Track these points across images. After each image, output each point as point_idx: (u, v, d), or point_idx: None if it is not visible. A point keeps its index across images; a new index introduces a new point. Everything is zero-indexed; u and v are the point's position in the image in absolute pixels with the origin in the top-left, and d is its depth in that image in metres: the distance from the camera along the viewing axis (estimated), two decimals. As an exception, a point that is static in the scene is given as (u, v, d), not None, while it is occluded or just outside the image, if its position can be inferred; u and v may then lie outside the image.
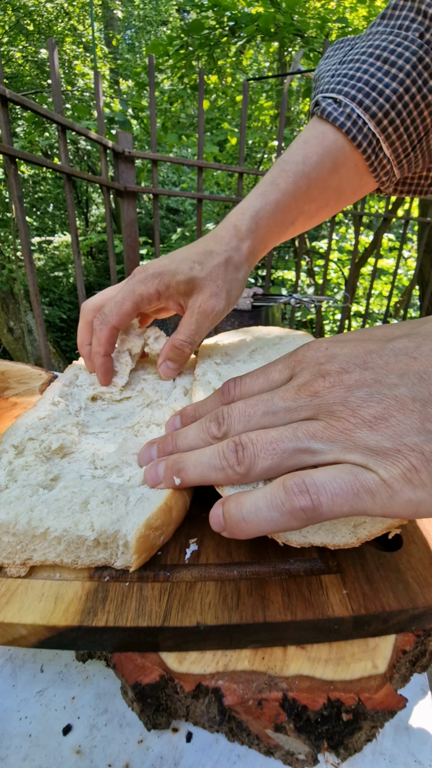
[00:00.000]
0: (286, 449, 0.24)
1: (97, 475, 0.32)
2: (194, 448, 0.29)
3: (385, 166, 0.45)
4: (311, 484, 0.22)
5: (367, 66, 0.42)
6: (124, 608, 0.25)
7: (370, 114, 0.41)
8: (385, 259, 4.62)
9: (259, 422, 0.27)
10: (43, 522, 0.26)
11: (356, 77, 0.42)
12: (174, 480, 0.28)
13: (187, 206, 6.68)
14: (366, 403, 0.23)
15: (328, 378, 0.25)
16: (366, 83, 0.42)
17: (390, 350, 0.24)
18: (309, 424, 0.24)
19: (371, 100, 0.41)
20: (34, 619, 0.24)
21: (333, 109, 0.43)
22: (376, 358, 0.24)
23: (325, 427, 0.24)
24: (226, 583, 0.27)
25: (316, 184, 0.45)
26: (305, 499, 0.22)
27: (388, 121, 0.42)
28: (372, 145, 0.43)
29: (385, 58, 0.41)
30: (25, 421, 0.37)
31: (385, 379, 0.23)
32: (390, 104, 0.41)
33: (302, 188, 0.45)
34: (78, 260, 1.34)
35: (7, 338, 3.59)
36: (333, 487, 0.22)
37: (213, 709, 0.24)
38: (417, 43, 0.41)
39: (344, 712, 0.23)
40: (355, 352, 0.25)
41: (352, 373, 0.24)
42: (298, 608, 0.25)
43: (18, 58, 5.58)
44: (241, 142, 1.63)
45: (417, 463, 0.21)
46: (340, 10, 3.88)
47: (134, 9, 6.94)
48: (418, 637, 0.26)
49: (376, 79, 0.41)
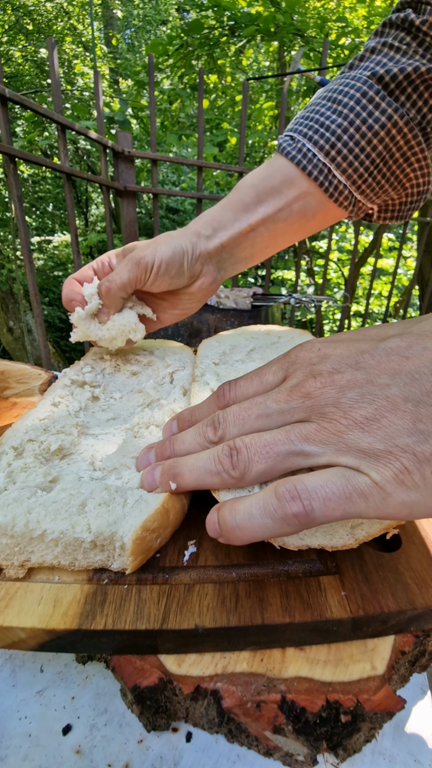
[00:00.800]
0: (279, 452, 0.24)
1: (96, 477, 0.32)
2: (191, 452, 0.29)
3: (342, 192, 0.49)
4: (303, 489, 0.22)
5: (319, 107, 0.49)
6: (122, 611, 0.25)
7: (318, 147, 0.47)
8: (384, 259, 4.62)
9: (253, 425, 0.27)
10: (41, 524, 0.26)
11: (309, 117, 0.49)
12: (170, 485, 0.28)
13: (186, 206, 6.68)
14: (358, 404, 0.23)
15: (319, 378, 0.25)
16: (316, 121, 0.48)
17: (382, 350, 0.24)
18: (302, 426, 0.25)
19: (319, 135, 0.47)
20: (33, 623, 0.24)
21: (287, 145, 0.49)
22: (368, 358, 0.24)
23: (317, 429, 0.24)
24: (224, 585, 0.27)
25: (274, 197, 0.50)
26: (297, 506, 0.22)
27: (336, 151, 0.47)
28: (323, 173, 0.48)
29: (333, 98, 0.48)
30: (25, 423, 0.37)
31: (377, 380, 0.23)
32: (335, 137, 0.47)
33: (262, 196, 0.49)
34: (78, 260, 1.34)
35: (6, 338, 3.59)
36: (325, 492, 0.22)
37: (212, 711, 0.24)
38: (362, 80, 0.46)
39: (343, 713, 0.23)
40: (347, 353, 0.25)
41: (343, 374, 0.24)
42: (296, 610, 0.25)
43: (17, 58, 5.57)
44: (240, 142, 1.62)
45: (409, 464, 0.21)
46: (340, 9, 3.87)
47: (134, 8, 6.94)
48: (416, 637, 0.26)
49: (324, 117, 0.48)
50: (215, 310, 1.30)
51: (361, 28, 3.40)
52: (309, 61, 3.46)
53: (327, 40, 1.72)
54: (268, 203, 0.50)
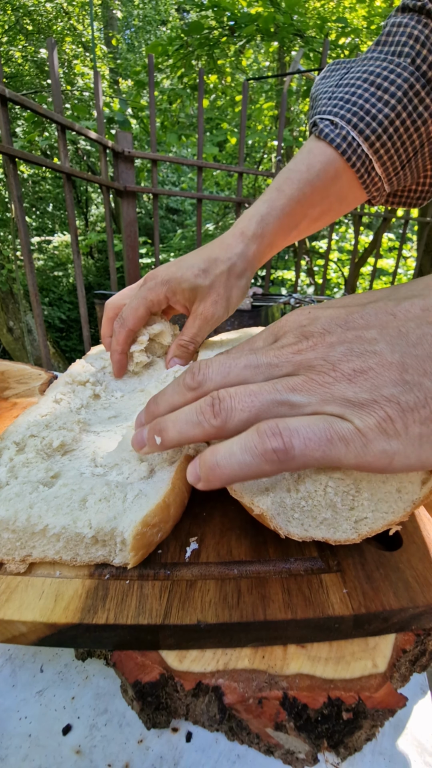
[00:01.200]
0: (264, 401, 0.24)
1: (97, 473, 0.32)
2: (173, 403, 0.29)
3: (376, 183, 0.49)
4: (285, 428, 0.22)
5: (362, 91, 0.46)
6: (124, 606, 0.25)
7: (363, 137, 0.45)
8: (384, 259, 4.63)
9: (239, 375, 0.26)
10: (42, 519, 0.26)
11: (351, 101, 0.46)
12: (156, 440, 0.28)
13: (186, 206, 6.69)
14: (346, 358, 0.23)
15: (311, 338, 0.25)
16: (360, 107, 0.45)
17: (371, 309, 0.25)
18: (289, 378, 0.25)
19: (365, 123, 0.45)
20: (34, 617, 0.24)
21: (330, 131, 0.47)
22: (357, 318, 0.25)
23: (305, 380, 0.24)
24: (226, 582, 0.27)
25: (318, 190, 0.48)
26: (278, 441, 0.22)
27: (380, 143, 0.46)
28: (365, 164, 0.47)
29: (378, 84, 0.45)
30: (27, 418, 0.37)
31: (366, 335, 0.24)
32: (382, 128, 0.45)
33: (306, 193, 0.48)
34: (78, 260, 1.34)
35: (6, 338, 3.59)
36: (306, 432, 0.22)
37: (213, 708, 0.24)
38: (408, 70, 0.44)
39: (344, 710, 0.23)
40: (336, 314, 0.26)
41: (333, 333, 0.25)
42: (298, 607, 0.25)
43: (17, 58, 5.57)
44: (240, 142, 1.63)
45: (392, 413, 0.21)
46: (340, 10, 3.88)
47: (134, 9, 6.94)
48: (418, 636, 0.26)
49: (369, 104, 0.45)
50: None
51: (361, 28, 3.41)
52: (309, 62, 3.47)
53: (327, 40, 1.72)
54: (315, 206, 0.49)
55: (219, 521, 0.32)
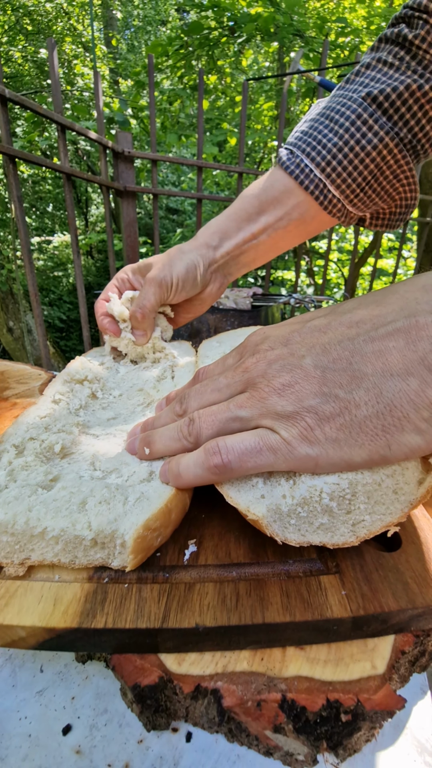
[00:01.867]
0: (222, 419, 0.29)
1: (96, 476, 0.32)
2: (166, 425, 0.34)
3: (336, 204, 0.53)
4: (222, 446, 0.27)
5: (317, 124, 0.52)
6: (123, 610, 0.25)
7: (315, 163, 0.51)
8: (384, 259, 4.62)
9: (209, 399, 0.31)
10: (41, 522, 0.26)
11: (307, 133, 0.53)
12: (144, 450, 0.33)
13: (186, 206, 6.68)
14: (279, 374, 0.27)
15: (256, 355, 0.29)
16: (314, 138, 0.52)
17: (308, 328, 0.28)
18: (239, 396, 0.29)
19: (317, 152, 0.51)
20: (33, 621, 0.24)
21: (287, 159, 0.53)
22: (296, 336, 0.28)
23: (248, 397, 0.28)
24: (224, 584, 0.27)
25: (275, 207, 0.54)
26: (217, 458, 0.27)
27: (331, 168, 0.51)
28: (318, 187, 0.52)
29: (330, 116, 0.51)
30: (26, 420, 0.37)
31: (297, 352, 0.27)
32: (331, 155, 0.50)
33: (264, 206, 0.54)
34: (78, 260, 1.34)
35: (6, 338, 3.59)
36: (240, 448, 0.26)
37: (212, 711, 0.24)
38: (357, 101, 0.49)
39: (343, 712, 0.23)
40: (282, 332, 0.29)
41: (275, 350, 0.28)
42: (297, 609, 0.25)
43: (17, 58, 5.57)
44: (240, 142, 1.63)
45: (312, 422, 0.25)
46: (340, 10, 3.88)
47: (134, 9, 6.94)
48: (417, 637, 0.26)
49: (321, 135, 0.51)
50: (215, 310, 1.30)
51: (361, 29, 3.40)
52: (308, 62, 3.46)
53: (327, 40, 1.72)
54: (269, 213, 0.55)
55: (218, 523, 0.32)
